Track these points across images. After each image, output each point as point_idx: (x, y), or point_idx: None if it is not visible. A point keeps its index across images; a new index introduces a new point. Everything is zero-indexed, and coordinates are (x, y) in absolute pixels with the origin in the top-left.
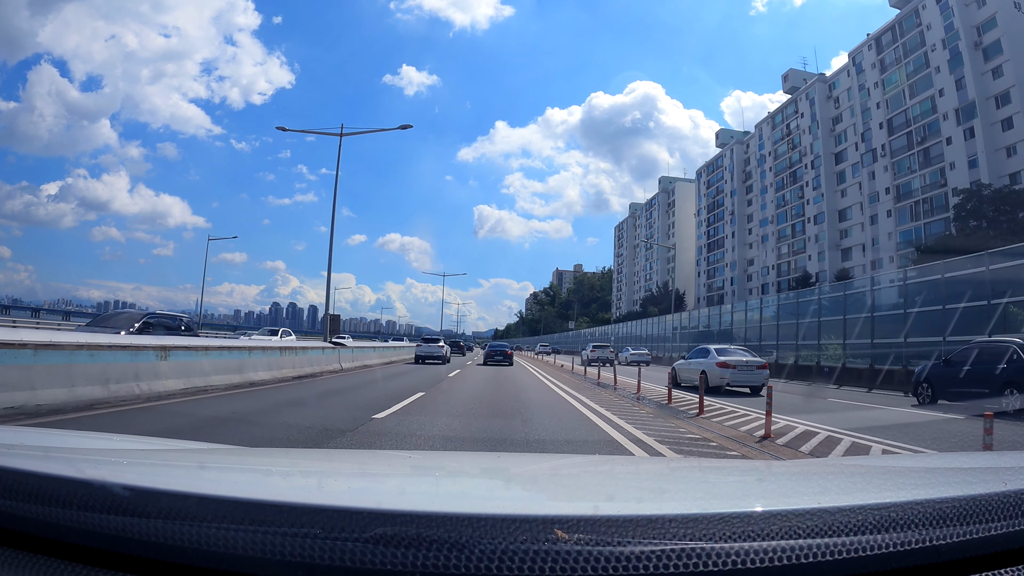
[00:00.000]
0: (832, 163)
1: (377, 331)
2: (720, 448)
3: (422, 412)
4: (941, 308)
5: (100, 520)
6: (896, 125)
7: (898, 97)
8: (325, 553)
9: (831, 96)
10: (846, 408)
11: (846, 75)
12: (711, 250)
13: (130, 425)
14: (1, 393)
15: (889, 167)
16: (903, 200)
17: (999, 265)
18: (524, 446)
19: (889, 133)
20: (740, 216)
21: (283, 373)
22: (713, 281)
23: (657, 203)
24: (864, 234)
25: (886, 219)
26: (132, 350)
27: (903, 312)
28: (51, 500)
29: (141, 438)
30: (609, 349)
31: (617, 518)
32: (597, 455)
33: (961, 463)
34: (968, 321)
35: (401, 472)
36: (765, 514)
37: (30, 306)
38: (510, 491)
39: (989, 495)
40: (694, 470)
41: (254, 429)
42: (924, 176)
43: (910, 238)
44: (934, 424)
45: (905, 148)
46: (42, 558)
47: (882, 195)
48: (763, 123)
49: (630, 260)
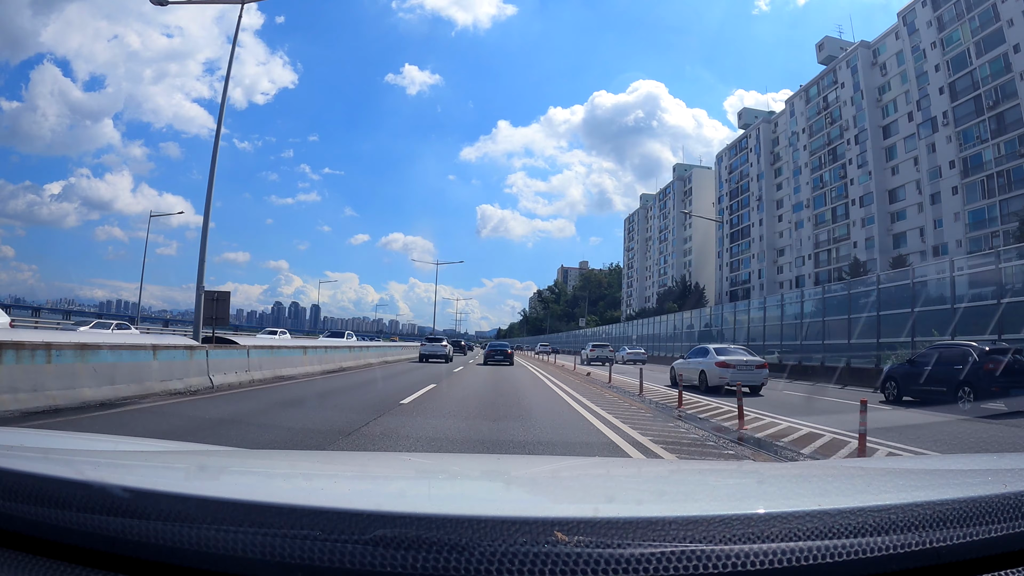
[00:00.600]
0: (880, 137)
1: (379, 330)
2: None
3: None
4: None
5: (100, 522)
6: (960, 89)
7: (961, 58)
8: (325, 555)
9: (876, 63)
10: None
11: (894, 38)
12: (734, 240)
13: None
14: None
15: (953, 137)
16: (972, 175)
17: None
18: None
19: (951, 99)
20: (768, 202)
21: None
22: (737, 274)
23: (672, 191)
24: (922, 216)
25: (951, 197)
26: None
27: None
28: (51, 501)
29: (141, 440)
30: (608, 348)
31: (617, 520)
32: (597, 457)
33: (961, 465)
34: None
35: (401, 474)
36: (765, 516)
37: (31, 305)
38: (510, 493)
39: (989, 497)
40: (694, 472)
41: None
42: (998, 146)
43: (982, 218)
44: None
45: (972, 115)
46: (42, 559)
47: (944, 170)
48: (795, 98)
49: (642, 254)
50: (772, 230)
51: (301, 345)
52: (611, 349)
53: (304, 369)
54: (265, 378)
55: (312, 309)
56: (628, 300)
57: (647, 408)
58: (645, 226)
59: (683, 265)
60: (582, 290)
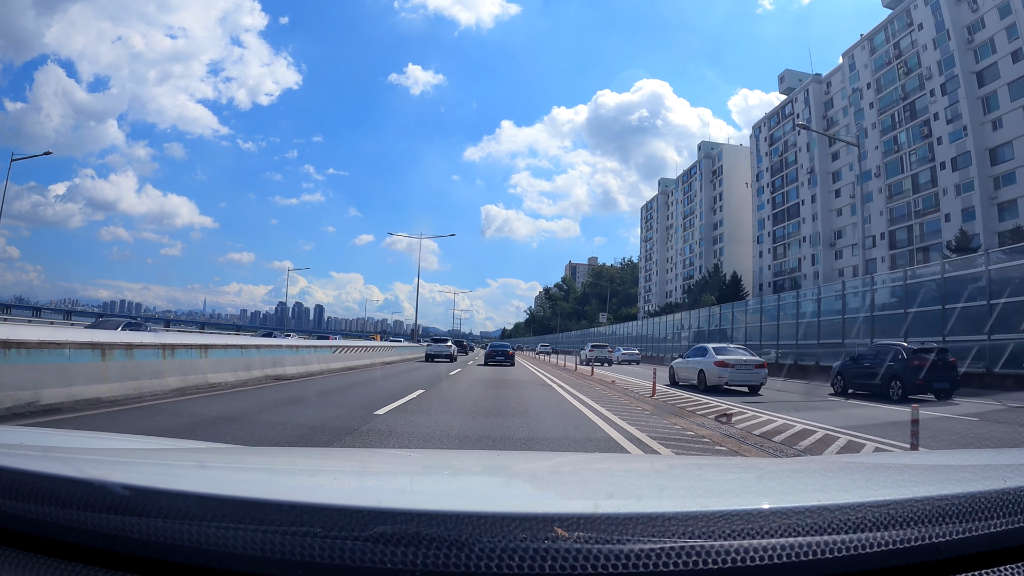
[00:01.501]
0: (974, 85)
1: (383, 331)
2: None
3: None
4: None
5: (100, 519)
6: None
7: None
8: (325, 552)
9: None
10: None
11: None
12: (778, 222)
13: None
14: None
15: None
16: None
17: None
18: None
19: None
20: (823, 174)
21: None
22: (784, 261)
23: (699, 171)
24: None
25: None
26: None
27: None
28: (50, 500)
29: (141, 437)
30: (607, 349)
31: (617, 516)
32: (597, 453)
33: (960, 460)
34: None
35: (401, 470)
36: (765, 511)
37: (32, 305)
38: (510, 489)
39: (988, 492)
40: (694, 467)
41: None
42: None
43: None
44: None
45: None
46: (42, 558)
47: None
48: (855, 49)
49: (662, 244)
50: (827, 207)
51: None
52: (610, 349)
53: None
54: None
55: (316, 309)
56: (646, 295)
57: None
58: (666, 213)
59: (712, 254)
60: (593, 286)
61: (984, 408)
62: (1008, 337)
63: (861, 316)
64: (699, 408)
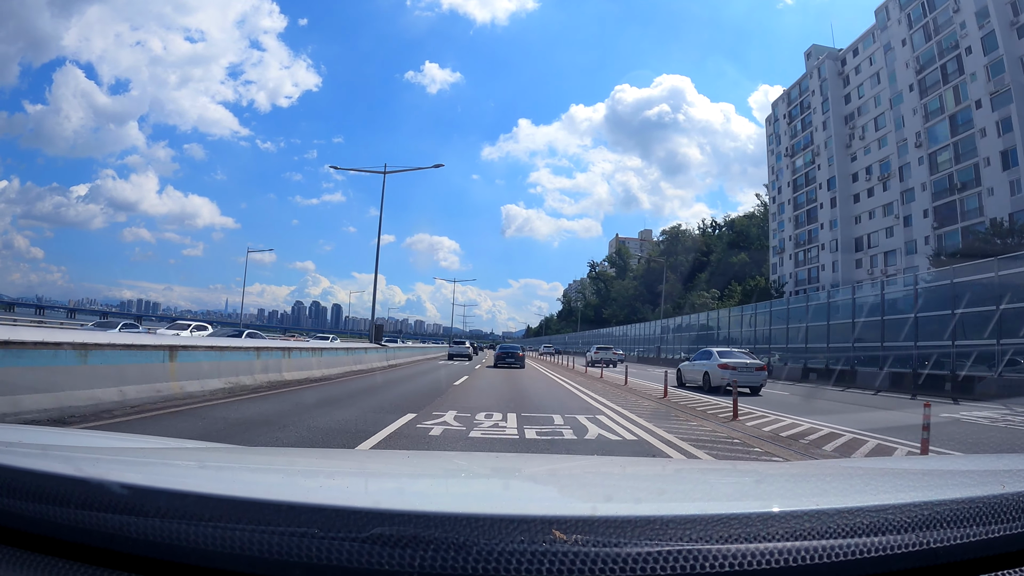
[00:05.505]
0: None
1: (402, 331)
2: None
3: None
4: None
5: (98, 519)
6: None
7: None
8: (323, 552)
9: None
10: None
11: None
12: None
13: None
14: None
15: None
16: None
17: None
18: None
19: None
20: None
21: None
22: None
23: (823, 74)
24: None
25: None
26: None
27: None
28: (49, 498)
29: (141, 437)
30: (612, 351)
31: (615, 519)
32: (596, 456)
33: (959, 465)
34: None
35: (399, 472)
36: (763, 515)
37: (33, 305)
38: (508, 491)
39: (986, 497)
40: (693, 471)
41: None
42: None
43: None
44: None
45: None
46: (40, 556)
47: None
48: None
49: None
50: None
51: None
52: (615, 351)
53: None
54: None
55: (333, 309)
56: (781, 259)
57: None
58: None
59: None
60: (667, 255)
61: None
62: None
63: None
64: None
